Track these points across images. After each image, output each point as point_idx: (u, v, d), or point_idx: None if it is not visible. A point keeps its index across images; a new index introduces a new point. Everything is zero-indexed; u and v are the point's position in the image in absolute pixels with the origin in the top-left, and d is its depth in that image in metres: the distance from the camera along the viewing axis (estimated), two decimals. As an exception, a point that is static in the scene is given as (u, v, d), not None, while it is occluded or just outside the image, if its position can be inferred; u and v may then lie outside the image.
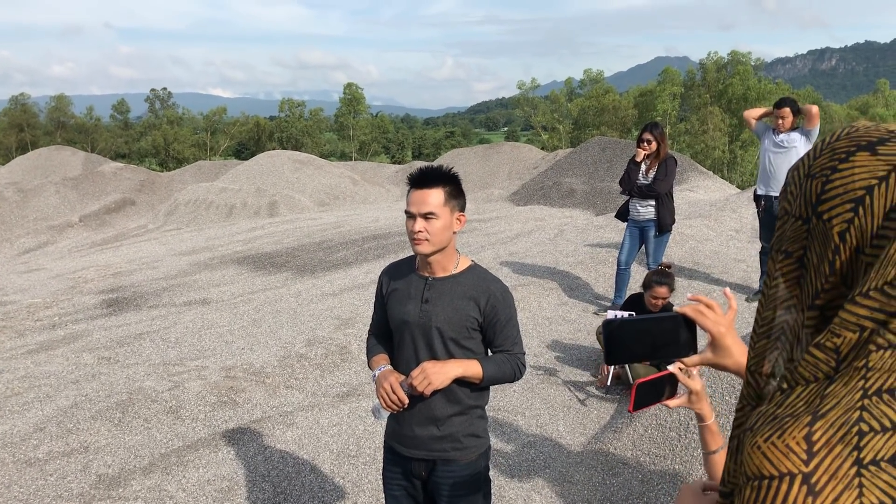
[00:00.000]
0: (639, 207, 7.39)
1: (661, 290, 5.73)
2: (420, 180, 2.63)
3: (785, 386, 0.88)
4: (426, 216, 2.60)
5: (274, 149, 40.61)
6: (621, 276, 7.56)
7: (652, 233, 7.39)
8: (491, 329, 2.69)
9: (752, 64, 68.16)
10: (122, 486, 4.49)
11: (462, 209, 2.71)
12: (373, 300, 8.24)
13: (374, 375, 2.75)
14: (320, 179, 19.09)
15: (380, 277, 2.90)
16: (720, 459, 1.88)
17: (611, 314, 5.82)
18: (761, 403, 0.94)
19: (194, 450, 4.93)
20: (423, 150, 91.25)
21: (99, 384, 6.12)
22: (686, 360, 1.49)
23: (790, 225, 0.94)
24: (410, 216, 2.63)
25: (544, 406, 5.65)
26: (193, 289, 9.67)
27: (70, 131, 79.09)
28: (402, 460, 2.81)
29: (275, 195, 17.56)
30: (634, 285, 7.66)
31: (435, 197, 2.60)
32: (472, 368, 2.64)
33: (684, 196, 13.56)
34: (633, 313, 5.81)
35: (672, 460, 4.44)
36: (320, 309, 8.08)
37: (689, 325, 1.47)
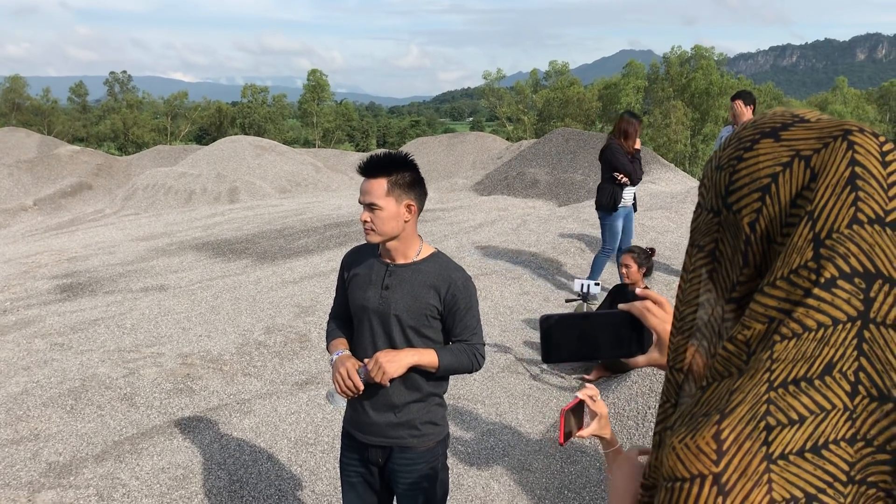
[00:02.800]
0: (625, 195, 7.55)
1: (627, 258, 5.78)
2: (365, 169, 2.61)
3: (704, 383, 0.86)
4: (370, 206, 2.58)
5: (236, 134, 40.12)
6: (605, 262, 7.73)
7: (633, 215, 7.86)
8: (450, 318, 2.65)
9: (715, 59, 68.93)
10: (73, 475, 4.39)
11: (416, 198, 2.64)
12: (334, 288, 8.19)
13: (332, 360, 2.71)
14: (282, 166, 18.89)
15: (342, 261, 2.86)
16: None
17: (577, 283, 5.85)
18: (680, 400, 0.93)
19: (148, 437, 4.85)
20: (388, 139, 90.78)
21: (51, 370, 5.99)
22: (631, 360, 1.43)
23: (703, 218, 0.93)
24: (361, 205, 2.63)
25: (504, 394, 5.65)
26: (151, 275, 9.51)
27: (25, 113, 77.20)
28: (359, 447, 2.77)
29: (235, 181, 17.34)
30: (609, 277, 7.70)
31: (378, 187, 2.57)
32: (427, 357, 2.60)
33: (646, 188, 13.67)
34: (597, 282, 5.85)
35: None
36: (280, 296, 8.00)
37: (634, 323, 1.39)
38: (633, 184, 7.49)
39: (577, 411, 1.89)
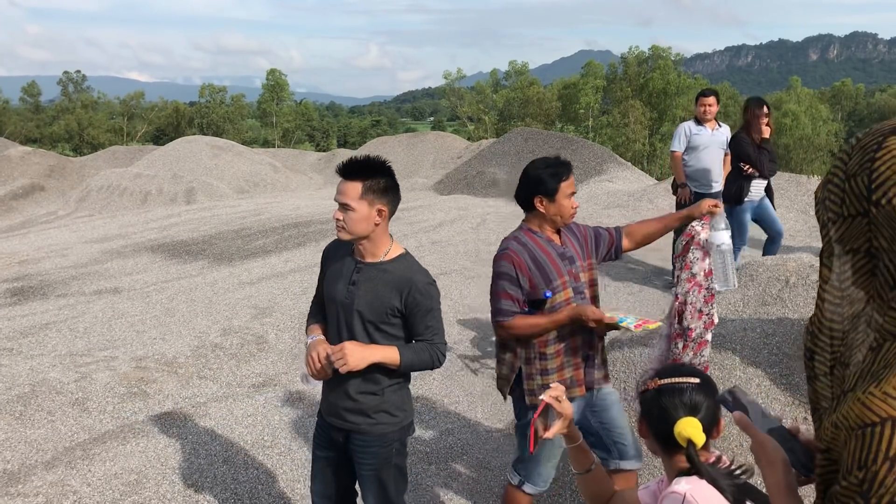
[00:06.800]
0: (753, 188, 7.15)
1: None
2: (343, 171, 2.73)
3: (875, 344, 0.93)
4: (344, 206, 2.71)
5: (194, 135, 39.54)
6: (737, 255, 7.19)
7: (768, 204, 7.32)
8: (412, 318, 2.78)
9: (672, 59, 69.66)
10: (22, 483, 4.29)
11: (388, 203, 2.76)
12: (292, 289, 8.13)
13: (307, 343, 2.91)
14: (240, 166, 18.69)
15: (323, 251, 3.03)
16: (594, 476, 1.92)
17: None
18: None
19: (101, 443, 4.75)
20: (349, 139, 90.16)
21: (-1, 376, 5.84)
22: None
23: (846, 227, 0.99)
24: (336, 202, 2.77)
25: (463, 394, 5.65)
26: (104, 277, 9.34)
27: (-25, 114, 75.25)
28: (324, 425, 2.97)
29: (192, 182, 17.10)
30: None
31: (352, 190, 2.70)
32: (390, 355, 2.74)
33: (603, 186, 13.79)
34: None
35: (587, 445, 4.50)
36: (237, 298, 7.90)
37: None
38: (763, 176, 7.10)
39: (544, 415, 1.93)
